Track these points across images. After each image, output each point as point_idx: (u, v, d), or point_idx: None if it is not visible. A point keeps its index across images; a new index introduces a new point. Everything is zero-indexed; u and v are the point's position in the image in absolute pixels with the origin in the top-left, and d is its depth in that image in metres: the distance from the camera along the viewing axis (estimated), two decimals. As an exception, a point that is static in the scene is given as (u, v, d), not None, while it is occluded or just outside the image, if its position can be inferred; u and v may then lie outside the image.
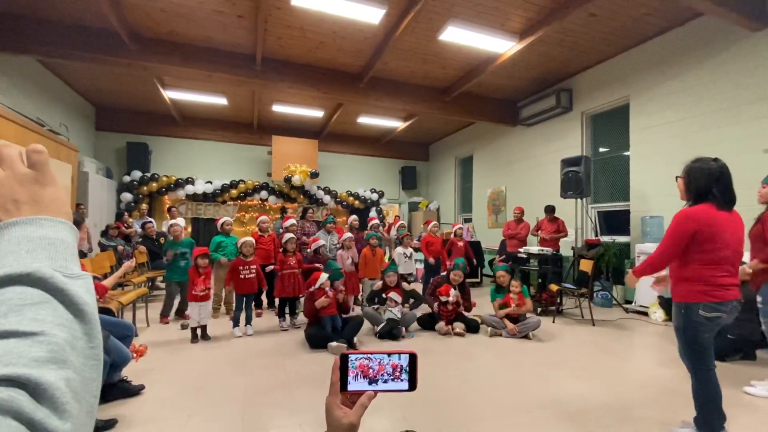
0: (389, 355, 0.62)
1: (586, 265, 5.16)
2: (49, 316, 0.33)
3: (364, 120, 9.44)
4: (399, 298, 4.46)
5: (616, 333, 4.51)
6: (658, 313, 5.02)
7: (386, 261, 5.52)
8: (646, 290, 5.33)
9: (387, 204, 11.24)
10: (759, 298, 2.87)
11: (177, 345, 3.96)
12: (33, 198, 0.40)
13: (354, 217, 6.42)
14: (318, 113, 9.00)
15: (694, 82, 5.15)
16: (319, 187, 10.24)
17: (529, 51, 5.78)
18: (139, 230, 6.72)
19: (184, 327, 4.49)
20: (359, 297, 5.60)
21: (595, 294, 5.86)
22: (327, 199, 10.26)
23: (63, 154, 6.17)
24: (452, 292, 4.45)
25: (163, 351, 3.75)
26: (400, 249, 5.81)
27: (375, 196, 10.87)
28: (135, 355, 3.38)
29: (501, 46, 5.61)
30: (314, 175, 9.68)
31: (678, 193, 2.30)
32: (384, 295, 4.48)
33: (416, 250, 6.20)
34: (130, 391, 2.70)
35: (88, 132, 8.49)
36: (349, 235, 5.51)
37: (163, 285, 6.86)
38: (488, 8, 4.90)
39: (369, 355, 0.62)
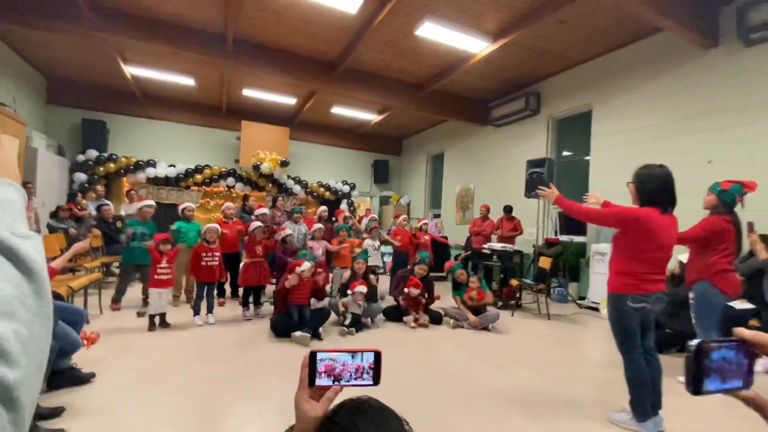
0: (353, 355, 0.64)
1: (545, 263, 5.41)
2: None
3: (338, 110, 9.34)
4: (364, 290, 4.49)
5: (570, 326, 4.78)
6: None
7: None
8: (598, 287, 5.66)
9: (358, 197, 11.22)
10: (691, 295, 3.12)
11: (133, 333, 3.80)
12: None
13: (323, 208, 6.38)
14: (290, 100, 8.82)
15: (650, 94, 5.48)
16: (289, 176, 10.06)
17: (501, 53, 5.92)
18: (94, 213, 6.36)
19: (140, 314, 4.32)
20: (328, 288, 5.59)
21: (552, 290, 6.16)
22: (297, 188, 10.10)
23: (10, 127, 5.72)
24: (417, 291, 4.54)
25: (118, 339, 3.59)
26: (369, 241, 5.84)
27: (346, 188, 10.82)
28: (86, 342, 3.22)
29: (475, 45, 5.72)
30: (284, 164, 9.50)
31: (630, 197, 2.47)
32: (350, 289, 4.48)
33: (385, 243, 6.26)
34: (80, 378, 2.58)
35: (38, 105, 7.88)
36: (320, 225, 5.48)
37: (118, 271, 6.56)
38: (464, 7, 4.97)
39: (335, 355, 0.64)
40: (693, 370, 0.46)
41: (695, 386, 0.46)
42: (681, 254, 3.96)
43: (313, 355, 0.63)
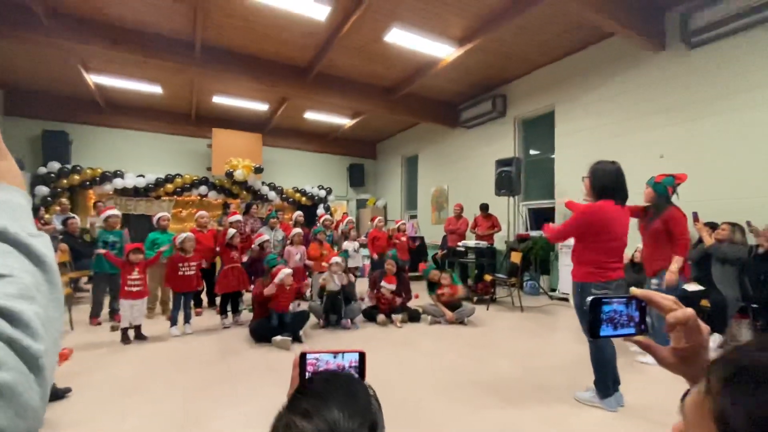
0: (335, 355, 0.69)
1: (516, 257, 5.64)
2: (16, 264, 0.39)
3: (311, 115, 9.37)
4: (340, 260, 4.58)
5: (541, 317, 5.01)
6: (576, 299, 5.63)
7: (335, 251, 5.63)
8: (567, 279, 5.94)
9: (335, 201, 11.25)
10: (654, 281, 3.36)
11: (108, 347, 3.72)
12: None
13: (299, 212, 6.40)
14: (262, 106, 8.77)
15: (607, 94, 5.82)
16: (263, 183, 9.98)
17: (468, 57, 6.14)
18: (60, 227, 6.13)
19: (114, 329, 4.22)
20: (307, 293, 5.62)
21: (524, 283, 6.41)
22: (272, 195, 10.03)
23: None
24: (391, 286, 4.65)
25: (93, 354, 3.51)
26: (347, 243, 5.91)
27: (323, 193, 10.83)
28: (58, 358, 3.13)
29: (442, 50, 5.91)
30: (258, 170, 9.42)
31: (585, 190, 2.67)
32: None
33: (363, 246, 6.35)
34: (55, 394, 2.53)
35: (-7, 117, 7.53)
36: (298, 230, 5.51)
37: (87, 287, 6.33)
38: (431, 14, 5.14)
39: (320, 355, 0.69)
40: (590, 319, 0.58)
41: (592, 332, 0.59)
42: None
43: (303, 356, 0.69)
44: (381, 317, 4.57)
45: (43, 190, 7.60)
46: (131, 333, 3.90)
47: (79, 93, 7.91)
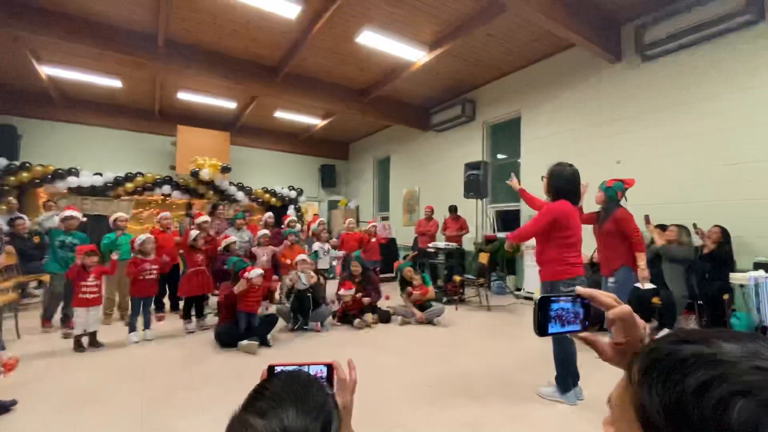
0: (301, 368, 0.67)
1: (484, 258, 5.78)
2: None
3: (282, 115, 9.22)
4: (306, 257, 4.55)
5: (507, 316, 5.16)
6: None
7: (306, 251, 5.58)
8: (532, 279, 6.16)
9: (306, 202, 11.11)
10: (611, 279, 3.53)
11: (60, 355, 3.50)
12: None
13: (269, 214, 6.28)
14: (230, 104, 8.55)
15: (568, 102, 6.10)
16: (231, 183, 9.69)
17: (438, 62, 6.25)
18: (6, 228, 5.70)
19: (67, 336, 3.96)
20: (276, 295, 5.51)
21: (491, 283, 6.59)
22: (240, 195, 9.76)
23: None
24: (349, 292, 4.62)
25: (42, 362, 3.29)
26: (317, 244, 5.86)
27: (293, 194, 10.67)
28: (2, 369, 2.92)
29: (413, 54, 5.99)
30: (225, 170, 9.15)
31: (543, 188, 2.86)
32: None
33: (335, 247, 6.30)
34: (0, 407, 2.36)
35: (-71, 108, 6.91)
36: (265, 232, 5.40)
37: (37, 292, 5.93)
38: (401, 17, 5.20)
39: (288, 369, 0.66)
40: (538, 317, 0.61)
41: (540, 330, 0.62)
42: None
43: (271, 369, 0.67)
44: (357, 321, 4.53)
45: (-14, 188, 7.04)
46: (85, 340, 3.69)
47: (30, 85, 7.41)
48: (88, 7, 5.04)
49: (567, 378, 2.62)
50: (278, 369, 0.66)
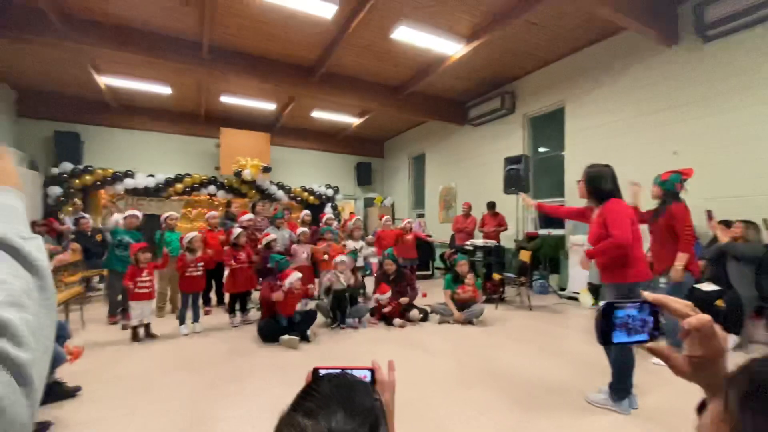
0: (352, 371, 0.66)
1: (525, 256, 5.57)
2: (5, 269, 0.38)
3: (319, 114, 9.37)
4: (346, 260, 4.56)
5: (551, 317, 4.94)
6: (586, 298, 5.54)
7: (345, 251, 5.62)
8: (577, 278, 5.86)
9: (342, 200, 11.26)
10: (663, 279, 3.30)
11: (118, 345, 3.77)
12: None
13: (306, 212, 6.41)
14: (270, 106, 8.80)
15: (618, 90, 5.72)
16: (271, 182, 10.02)
17: (475, 54, 6.07)
18: (72, 227, 6.23)
19: (125, 327, 4.27)
20: (315, 292, 5.61)
21: (533, 282, 6.34)
22: (280, 194, 10.07)
23: (-22, 142, 5.55)
24: (385, 296, 4.53)
25: (102, 352, 3.56)
26: (350, 242, 5.90)
27: (330, 192, 10.84)
28: (69, 356, 3.18)
29: (449, 48, 5.86)
30: (266, 170, 9.46)
31: (579, 193, 2.75)
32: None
33: (371, 245, 6.32)
34: (66, 392, 2.56)
35: (7, 119, 7.66)
36: (304, 229, 5.51)
37: (99, 286, 6.42)
38: (438, 11, 5.10)
39: (333, 371, 0.65)
40: (601, 325, 0.55)
41: (603, 338, 0.56)
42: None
43: (316, 371, 0.67)
44: (398, 321, 4.50)
45: (55, 190, 7.73)
46: (141, 331, 3.95)
47: (90, 94, 8.02)
48: (140, 19, 5.36)
49: (625, 386, 2.46)
50: (323, 372, 0.65)
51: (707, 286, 3.80)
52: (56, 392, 2.53)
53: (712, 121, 4.69)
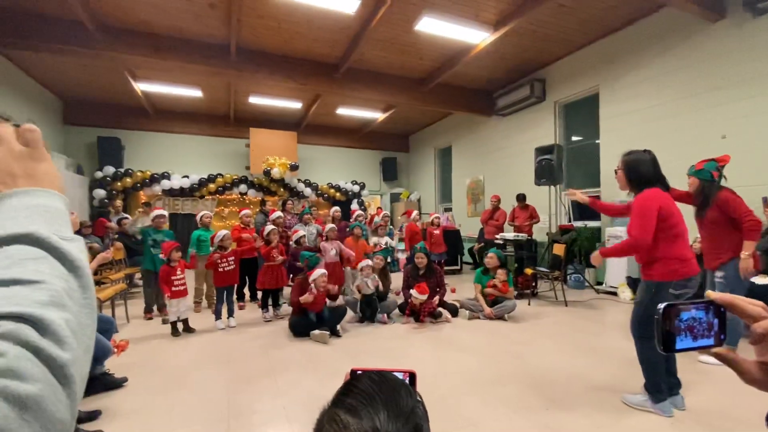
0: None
1: (559, 250, 5.38)
2: (48, 269, 0.38)
3: (344, 111, 9.42)
4: (370, 263, 4.57)
5: (587, 312, 4.75)
6: (626, 293, 5.29)
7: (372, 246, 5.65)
8: (615, 271, 5.61)
9: (368, 195, 11.30)
10: (719, 274, 3.06)
11: (159, 339, 3.96)
12: (27, 172, 0.45)
13: (336, 208, 6.47)
14: (296, 104, 8.93)
15: (657, 72, 5.38)
16: (299, 180, 10.20)
17: (502, 42, 5.89)
18: (115, 227, 6.59)
19: (165, 322, 4.47)
20: (343, 287, 5.67)
21: (568, 277, 6.12)
22: (308, 191, 10.24)
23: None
24: (421, 297, 4.33)
25: (145, 345, 3.74)
26: (375, 239, 5.90)
27: (356, 188, 10.91)
28: (116, 349, 3.36)
29: (475, 36, 5.71)
30: (294, 168, 9.63)
31: (618, 183, 2.52)
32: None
33: (400, 240, 6.30)
34: (113, 383, 2.72)
35: (55, 126, 8.19)
36: (332, 226, 5.56)
37: (141, 282, 6.76)
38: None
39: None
40: (662, 330, 0.50)
41: (665, 345, 0.50)
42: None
43: (353, 373, 0.66)
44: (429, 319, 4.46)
45: (100, 193, 8.20)
46: (180, 326, 4.12)
47: (129, 100, 8.43)
48: (169, 26, 5.55)
49: (659, 384, 2.31)
50: (358, 374, 0.64)
51: (762, 280, 3.52)
52: (105, 383, 2.68)
53: (764, 101, 4.32)
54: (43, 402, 0.31)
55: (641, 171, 2.35)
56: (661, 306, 0.50)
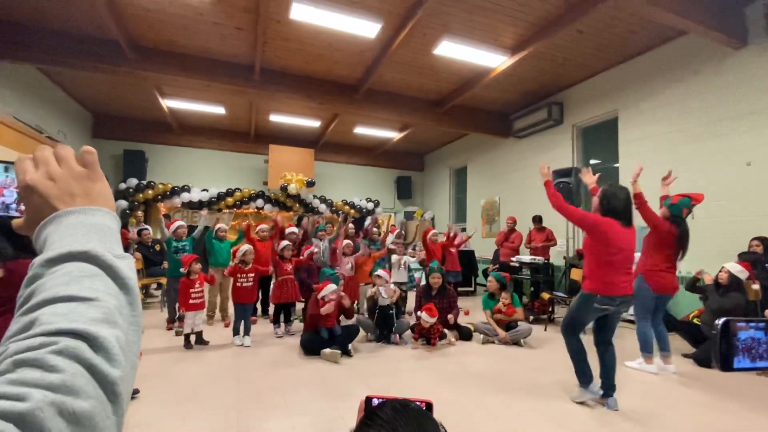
0: None
1: (577, 274, 5.26)
2: (102, 287, 0.40)
3: (361, 130, 9.57)
4: (386, 275, 4.54)
5: (606, 341, 4.58)
6: (647, 322, 5.10)
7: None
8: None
9: (382, 213, 11.33)
10: None
11: (172, 351, 3.97)
12: (85, 192, 0.48)
13: (350, 224, 6.49)
14: (314, 123, 9.12)
15: (678, 98, 5.33)
16: (315, 196, 10.32)
17: (520, 65, 5.94)
18: (136, 237, 6.73)
19: (178, 333, 4.50)
20: (357, 303, 5.63)
21: (586, 303, 5.94)
22: (323, 207, 10.33)
23: (60, 160, 6.20)
24: (431, 320, 4.20)
25: (158, 357, 3.76)
26: (395, 257, 5.88)
27: (370, 205, 10.96)
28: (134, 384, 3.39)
29: (493, 60, 5.79)
30: (310, 184, 9.76)
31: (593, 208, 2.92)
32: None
33: (421, 263, 6.21)
34: (126, 394, 2.72)
35: (85, 139, 8.53)
36: (348, 241, 5.57)
37: (157, 293, 6.86)
38: (481, 24, 5.06)
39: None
40: (721, 347, 0.48)
41: (723, 364, 0.48)
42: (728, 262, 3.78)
43: (369, 401, 0.65)
44: (445, 340, 4.38)
45: (122, 204, 8.44)
46: (192, 338, 4.14)
47: (155, 116, 8.76)
48: (198, 46, 5.80)
49: (584, 370, 2.85)
50: (376, 401, 0.62)
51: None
52: (118, 394, 2.69)
53: (791, 128, 4.23)
54: (95, 419, 0.31)
55: (612, 204, 2.74)
56: (719, 322, 0.48)
